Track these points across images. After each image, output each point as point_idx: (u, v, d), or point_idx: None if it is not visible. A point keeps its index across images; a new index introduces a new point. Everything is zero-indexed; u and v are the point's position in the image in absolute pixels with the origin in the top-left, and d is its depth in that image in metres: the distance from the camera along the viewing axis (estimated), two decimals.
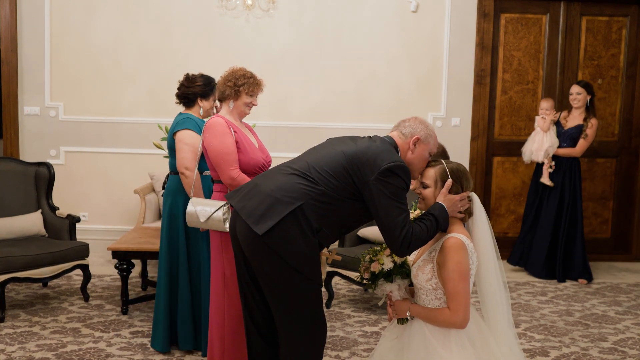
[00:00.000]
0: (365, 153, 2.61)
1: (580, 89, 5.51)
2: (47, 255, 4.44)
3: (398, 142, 2.72)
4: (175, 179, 3.81)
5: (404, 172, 2.55)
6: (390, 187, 2.52)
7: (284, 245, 2.54)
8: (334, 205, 2.60)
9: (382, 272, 2.47)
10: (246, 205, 2.64)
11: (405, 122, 2.77)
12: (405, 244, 2.45)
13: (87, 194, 6.03)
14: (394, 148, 2.69)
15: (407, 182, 2.57)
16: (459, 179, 2.52)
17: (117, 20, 5.92)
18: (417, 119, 2.78)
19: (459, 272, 2.38)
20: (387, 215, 2.49)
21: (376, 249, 2.53)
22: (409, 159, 2.69)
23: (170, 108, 5.84)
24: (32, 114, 5.96)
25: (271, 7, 5.74)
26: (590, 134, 5.48)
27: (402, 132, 2.74)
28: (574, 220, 5.55)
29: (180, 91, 3.86)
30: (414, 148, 2.70)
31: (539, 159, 5.55)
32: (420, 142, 2.70)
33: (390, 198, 2.51)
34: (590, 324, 4.52)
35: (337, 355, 3.84)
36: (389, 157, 2.57)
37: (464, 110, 6.14)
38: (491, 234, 2.56)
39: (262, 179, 2.73)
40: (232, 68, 3.45)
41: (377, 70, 6.06)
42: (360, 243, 4.97)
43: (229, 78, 3.39)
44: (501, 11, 6.14)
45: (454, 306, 2.38)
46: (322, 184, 2.60)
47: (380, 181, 2.52)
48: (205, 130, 3.37)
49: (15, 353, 3.73)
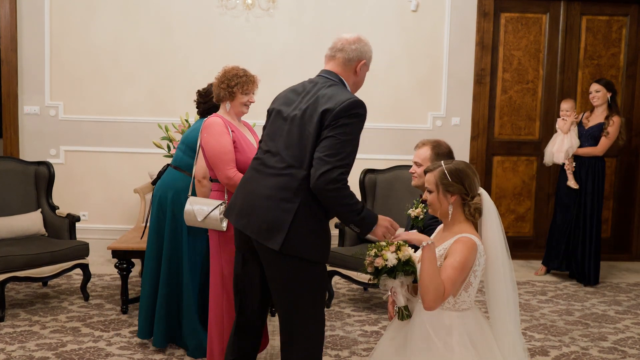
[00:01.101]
0: (320, 105, 2.60)
1: (599, 86, 5.41)
2: (47, 254, 4.44)
3: (341, 71, 2.76)
4: (174, 174, 3.79)
5: (361, 108, 2.58)
6: (349, 127, 2.53)
7: (303, 247, 2.57)
8: None
9: (385, 268, 2.47)
10: (250, 223, 2.63)
11: (351, 45, 2.75)
12: (326, 182, 2.48)
13: (87, 194, 6.03)
14: (339, 82, 2.72)
15: (364, 116, 2.60)
16: (459, 179, 2.48)
17: (117, 19, 5.92)
18: (360, 39, 2.78)
19: (462, 264, 2.38)
20: (334, 149, 2.52)
21: (381, 244, 2.52)
22: (353, 83, 2.79)
23: (170, 107, 5.87)
24: (32, 113, 5.96)
25: (271, 7, 5.74)
26: (612, 132, 5.33)
27: (348, 57, 2.75)
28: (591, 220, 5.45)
29: (201, 108, 3.84)
30: (359, 71, 2.78)
31: (559, 161, 5.47)
32: (364, 66, 2.79)
33: (346, 137, 2.53)
34: (590, 323, 4.52)
35: (337, 354, 3.84)
36: (342, 97, 2.58)
37: (464, 110, 6.14)
38: (501, 232, 2.50)
39: (250, 188, 2.69)
40: (224, 68, 3.44)
41: (377, 70, 6.02)
42: (360, 242, 4.97)
43: (222, 80, 3.40)
44: (501, 10, 6.14)
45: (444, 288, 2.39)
46: (306, 165, 2.58)
47: (339, 125, 2.53)
48: (203, 129, 3.36)
49: (15, 352, 3.73)
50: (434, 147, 3.06)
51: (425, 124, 6.10)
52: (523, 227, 6.28)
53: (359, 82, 2.83)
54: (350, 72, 2.78)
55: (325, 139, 2.53)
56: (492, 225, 2.49)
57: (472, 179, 2.50)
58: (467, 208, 2.50)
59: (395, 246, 2.50)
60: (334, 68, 2.79)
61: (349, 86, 2.77)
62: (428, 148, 3.06)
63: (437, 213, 2.57)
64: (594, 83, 5.50)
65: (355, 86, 2.83)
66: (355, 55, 2.75)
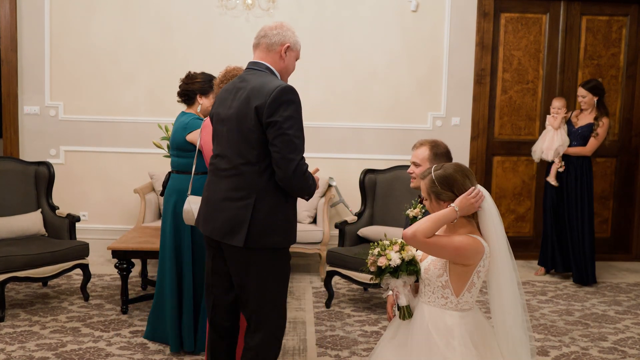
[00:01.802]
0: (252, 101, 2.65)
1: (585, 92, 5.43)
2: (47, 254, 4.44)
3: (267, 58, 2.80)
4: (179, 178, 3.79)
5: (291, 93, 2.64)
6: (288, 117, 2.61)
7: (265, 238, 2.67)
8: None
9: (389, 268, 2.47)
10: (214, 228, 2.74)
11: (273, 30, 2.81)
12: (299, 176, 2.62)
13: (87, 194, 6.03)
14: (266, 70, 2.78)
15: (297, 99, 2.66)
16: (447, 186, 2.46)
17: (117, 19, 5.92)
18: (282, 25, 2.84)
19: (457, 247, 2.38)
20: (290, 144, 2.62)
21: (385, 244, 2.52)
22: (281, 68, 2.82)
23: (170, 107, 5.85)
24: (32, 113, 5.96)
25: (271, 7, 5.74)
26: (601, 133, 5.39)
27: (270, 42, 2.79)
28: (582, 219, 5.49)
29: (181, 88, 3.86)
30: (285, 56, 2.81)
31: (549, 158, 5.49)
32: (290, 50, 2.82)
33: (292, 128, 2.62)
34: (590, 323, 4.52)
35: (337, 354, 3.84)
36: (269, 87, 2.63)
37: (464, 110, 6.14)
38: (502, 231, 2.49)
39: (208, 193, 2.81)
40: (226, 68, 3.42)
41: (377, 70, 6.06)
42: (361, 242, 4.98)
43: (223, 80, 3.36)
44: (501, 11, 6.14)
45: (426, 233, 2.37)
46: (254, 161, 2.66)
47: (279, 119, 2.59)
48: (203, 129, 3.35)
49: (15, 352, 3.73)
50: (432, 147, 3.06)
51: (425, 124, 6.10)
52: (523, 227, 6.28)
53: (287, 67, 2.85)
54: (276, 58, 2.81)
55: (276, 137, 2.61)
56: (493, 224, 2.47)
57: (462, 182, 2.47)
58: None
59: (399, 246, 2.50)
60: (259, 57, 2.83)
61: (277, 73, 2.82)
62: (426, 148, 3.06)
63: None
64: (580, 87, 5.51)
65: (285, 72, 2.86)
66: (277, 40, 2.80)
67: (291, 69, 2.88)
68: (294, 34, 2.84)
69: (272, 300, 2.75)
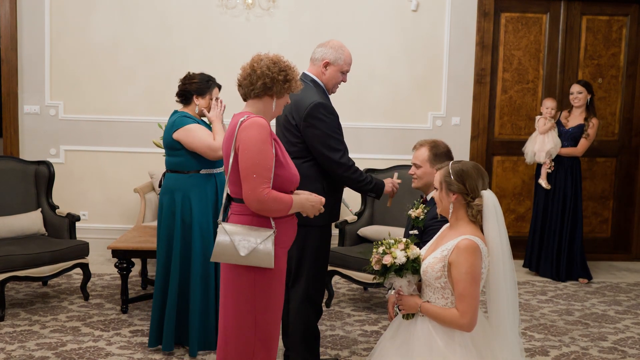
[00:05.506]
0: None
1: (581, 87, 5.50)
2: (47, 254, 4.44)
3: (313, 71, 3.29)
4: (172, 177, 3.78)
5: (324, 109, 3.14)
6: (321, 126, 3.14)
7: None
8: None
9: (394, 266, 2.46)
10: None
11: (319, 47, 3.28)
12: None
13: (86, 193, 6.02)
14: (311, 83, 3.22)
15: (331, 114, 3.17)
16: (461, 178, 2.49)
17: (116, 19, 5.92)
18: (329, 42, 3.28)
19: (471, 274, 2.37)
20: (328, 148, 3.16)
21: (390, 242, 2.52)
22: (324, 81, 3.28)
23: (170, 107, 5.81)
24: (32, 112, 5.96)
25: (271, 6, 5.74)
26: (591, 134, 5.48)
27: (314, 57, 3.28)
28: (574, 220, 5.54)
29: (179, 88, 3.87)
30: (325, 71, 3.26)
31: (541, 160, 5.52)
32: (330, 65, 3.25)
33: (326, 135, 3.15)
34: (590, 323, 4.52)
35: (337, 354, 3.84)
36: (310, 99, 3.13)
37: (464, 110, 6.14)
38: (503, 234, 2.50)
39: None
40: (275, 56, 2.65)
41: (377, 69, 6.06)
42: (361, 242, 4.97)
43: (275, 70, 2.59)
44: (501, 10, 6.14)
45: (462, 308, 2.37)
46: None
47: (309, 125, 3.13)
48: (242, 130, 2.54)
49: (15, 352, 3.73)
50: (432, 148, 3.06)
51: (425, 124, 6.10)
52: (523, 227, 6.27)
53: (328, 81, 3.29)
54: (318, 71, 3.29)
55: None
56: (494, 226, 2.49)
57: (476, 180, 2.51)
58: (470, 210, 2.50)
59: (404, 244, 2.50)
60: (309, 69, 3.32)
61: (322, 84, 3.29)
62: (426, 149, 3.07)
63: (440, 210, 2.59)
64: (575, 84, 5.58)
65: (327, 85, 3.31)
66: (319, 56, 3.27)
67: (332, 84, 3.32)
68: (337, 51, 3.25)
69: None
